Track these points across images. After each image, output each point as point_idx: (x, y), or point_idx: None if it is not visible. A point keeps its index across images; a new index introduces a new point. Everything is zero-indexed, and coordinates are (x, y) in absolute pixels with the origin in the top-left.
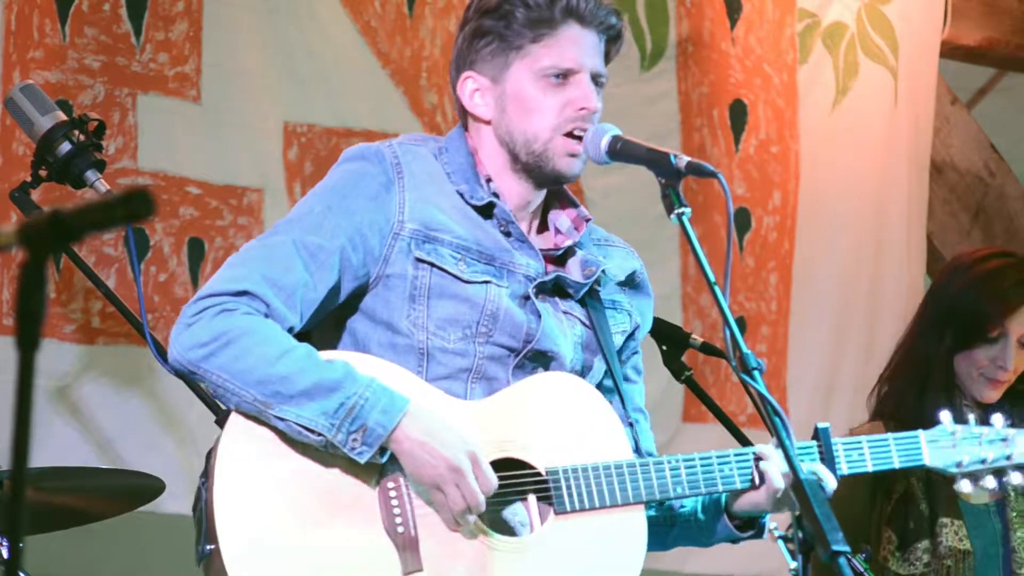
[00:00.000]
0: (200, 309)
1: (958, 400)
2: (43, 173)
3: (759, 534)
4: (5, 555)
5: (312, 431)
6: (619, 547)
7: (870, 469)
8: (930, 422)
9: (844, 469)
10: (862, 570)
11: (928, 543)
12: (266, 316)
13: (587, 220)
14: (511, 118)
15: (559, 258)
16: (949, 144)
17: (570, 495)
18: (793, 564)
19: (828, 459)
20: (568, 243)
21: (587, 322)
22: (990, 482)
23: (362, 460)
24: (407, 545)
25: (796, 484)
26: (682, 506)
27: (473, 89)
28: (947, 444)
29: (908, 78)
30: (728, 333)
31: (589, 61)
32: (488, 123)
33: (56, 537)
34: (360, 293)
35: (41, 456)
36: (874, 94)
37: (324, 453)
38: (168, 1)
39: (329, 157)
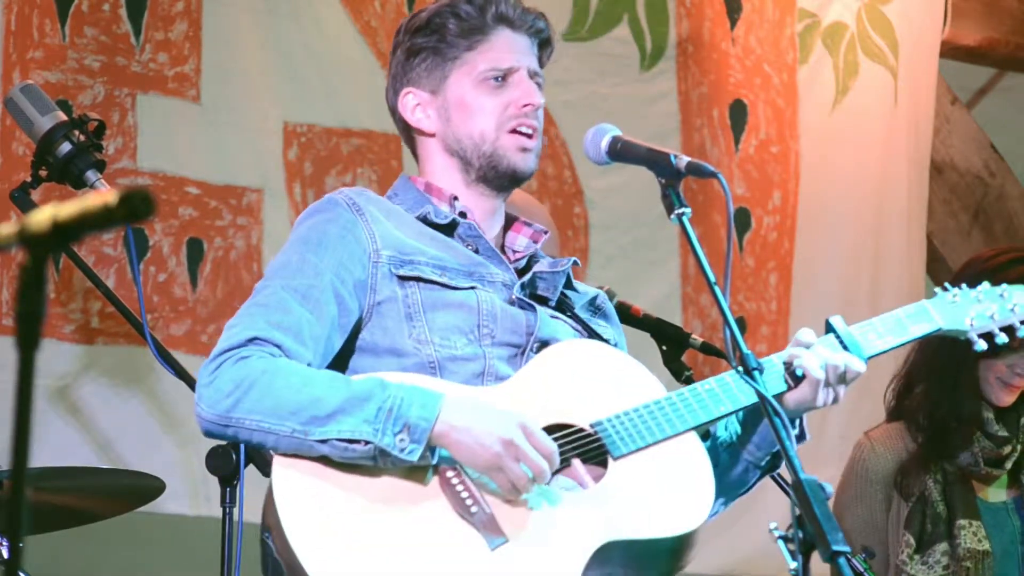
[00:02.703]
0: (216, 366)
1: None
2: (43, 173)
3: (802, 436)
4: (5, 555)
5: (358, 441)
6: (687, 470)
7: (892, 344)
8: (965, 421)
9: (868, 350)
10: (862, 570)
11: (946, 545)
12: (280, 357)
13: (544, 233)
14: (456, 125)
15: (524, 269)
16: (949, 144)
17: (622, 439)
18: (793, 564)
19: (850, 346)
20: (531, 251)
21: (576, 326)
22: (1003, 337)
23: (414, 458)
24: (486, 523)
25: (796, 484)
26: (716, 436)
27: (414, 104)
28: (950, 305)
29: (908, 78)
30: (728, 333)
31: (525, 60)
32: (433, 136)
33: (56, 537)
34: (356, 331)
35: (41, 456)
36: (874, 94)
37: (374, 468)
38: (168, 1)
39: (329, 157)
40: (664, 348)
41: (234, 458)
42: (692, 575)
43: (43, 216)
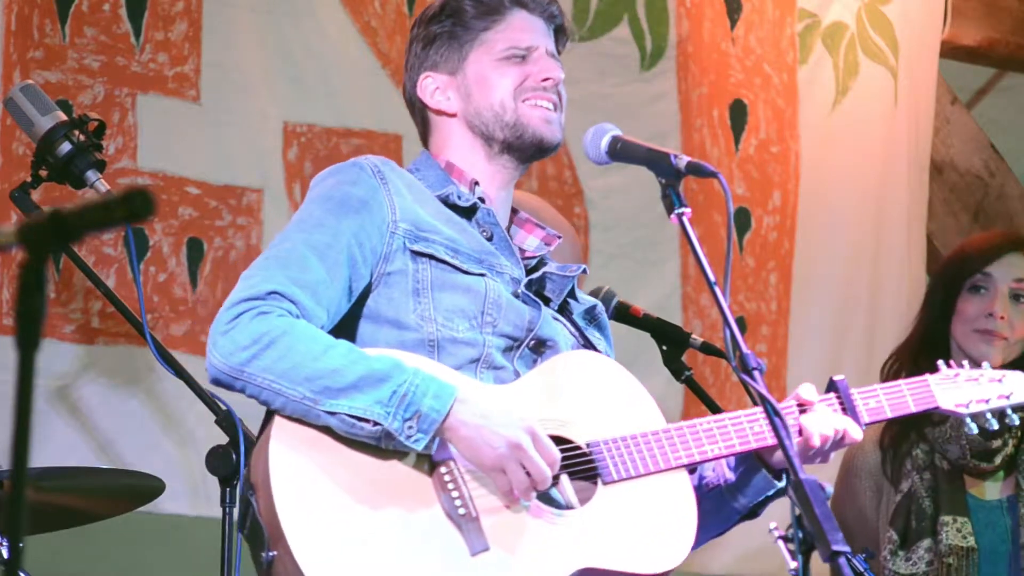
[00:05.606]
0: (235, 315)
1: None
2: (43, 173)
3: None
4: (5, 555)
5: (367, 420)
6: (673, 508)
7: (889, 415)
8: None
9: (865, 418)
10: (862, 570)
11: (930, 542)
12: (297, 317)
13: (558, 237)
14: (476, 100)
15: (533, 270)
16: (949, 144)
17: (615, 465)
18: (793, 564)
19: (849, 410)
20: (541, 253)
21: (574, 332)
22: (993, 423)
23: (419, 447)
24: (471, 527)
25: (796, 484)
26: (703, 477)
27: (434, 88)
28: (951, 385)
29: (908, 78)
30: (728, 333)
31: (543, 40)
32: (454, 115)
33: (56, 537)
34: (362, 297)
35: (41, 456)
36: (874, 94)
37: (373, 448)
38: (168, 1)
39: (329, 157)
40: (664, 348)
41: (234, 458)
42: (692, 575)
43: (43, 216)
